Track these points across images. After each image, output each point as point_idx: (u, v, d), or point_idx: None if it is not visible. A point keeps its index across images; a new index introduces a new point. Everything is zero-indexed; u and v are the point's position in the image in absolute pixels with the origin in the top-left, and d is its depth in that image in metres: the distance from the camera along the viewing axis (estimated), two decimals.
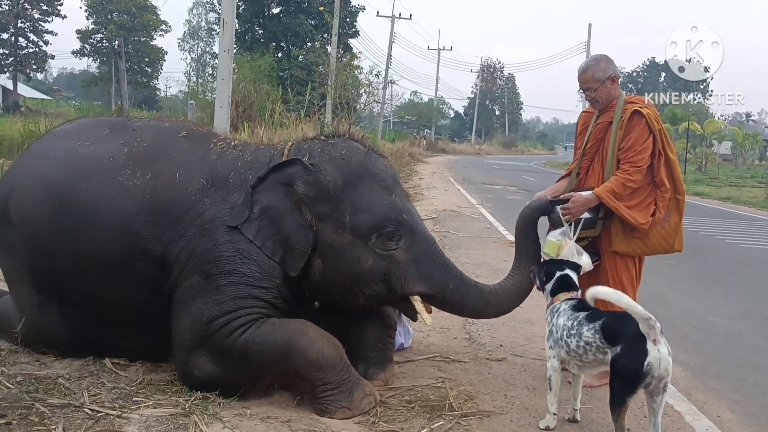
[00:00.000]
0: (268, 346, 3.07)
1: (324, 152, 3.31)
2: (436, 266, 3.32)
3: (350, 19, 36.45)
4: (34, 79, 67.02)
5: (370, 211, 3.20)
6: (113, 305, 3.34)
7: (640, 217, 3.52)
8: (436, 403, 3.28)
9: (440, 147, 51.42)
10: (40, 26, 46.43)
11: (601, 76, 3.64)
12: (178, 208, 3.25)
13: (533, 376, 3.81)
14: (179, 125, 3.72)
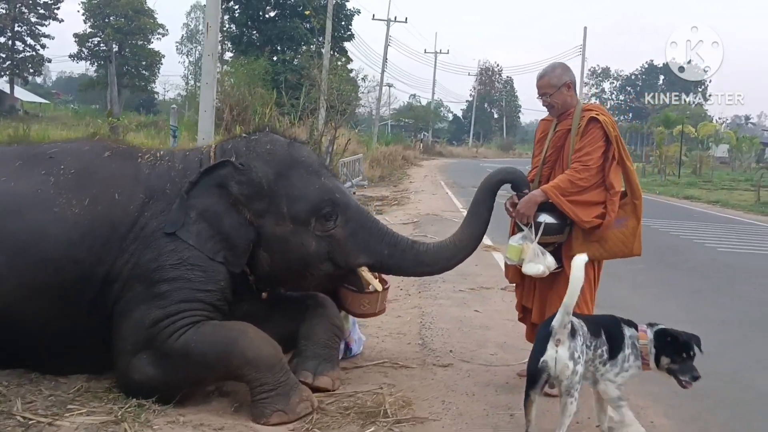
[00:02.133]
0: (208, 346, 3.13)
1: (249, 150, 3.43)
2: (371, 235, 3.52)
3: (345, 23, 36.51)
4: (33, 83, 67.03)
5: (305, 197, 3.37)
6: (61, 332, 3.31)
7: (583, 214, 3.56)
8: (372, 409, 3.30)
9: (437, 150, 51.49)
10: (37, 30, 46.44)
11: (556, 82, 3.72)
12: (122, 227, 3.27)
13: (475, 382, 3.84)
14: (99, 146, 3.68)
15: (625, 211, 3.65)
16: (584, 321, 3.01)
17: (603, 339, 2.98)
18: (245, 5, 35.13)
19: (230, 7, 35.60)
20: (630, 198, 3.66)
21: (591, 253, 3.54)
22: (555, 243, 3.68)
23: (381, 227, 3.60)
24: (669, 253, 9.06)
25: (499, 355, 4.37)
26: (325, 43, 27.26)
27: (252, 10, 35.07)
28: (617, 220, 3.63)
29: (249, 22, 35.28)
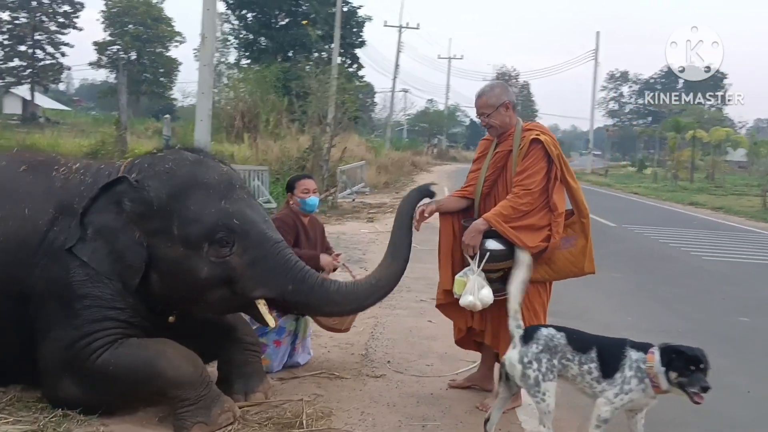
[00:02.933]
0: (127, 369, 3.17)
1: (150, 167, 3.33)
2: (275, 268, 3.27)
3: (357, 30, 36.72)
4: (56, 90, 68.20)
5: (198, 220, 3.20)
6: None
7: (528, 239, 3.53)
8: (289, 420, 3.39)
9: (451, 155, 51.48)
10: (57, 38, 47.28)
11: (494, 102, 3.71)
12: (32, 243, 3.29)
13: (400, 393, 3.92)
14: (17, 159, 3.68)
15: (573, 230, 3.63)
16: (570, 336, 3.08)
17: (591, 356, 3.00)
18: (258, 12, 35.50)
19: (243, 15, 35.99)
20: (577, 217, 3.64)
21: (540, 275, 3.61)
22: (503, 269, 3.62)
23: (288, 260, 3.32)
24: (651, 261, 9.08)
25: (436, 366, 4.45)
26: (333, 51, 27.45)
27: (264, 18, 35.41)
28: (565, 239, 3.62)
29: (261, 29, 35.61)
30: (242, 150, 20.09)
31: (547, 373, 3.00)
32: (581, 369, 3.01)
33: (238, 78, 27.54)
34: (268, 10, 35.10)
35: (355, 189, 17.32)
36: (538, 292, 3.68)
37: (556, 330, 3.08)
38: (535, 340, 3.03)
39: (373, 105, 71.67)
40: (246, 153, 19.46)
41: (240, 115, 23.93)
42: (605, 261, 9.47)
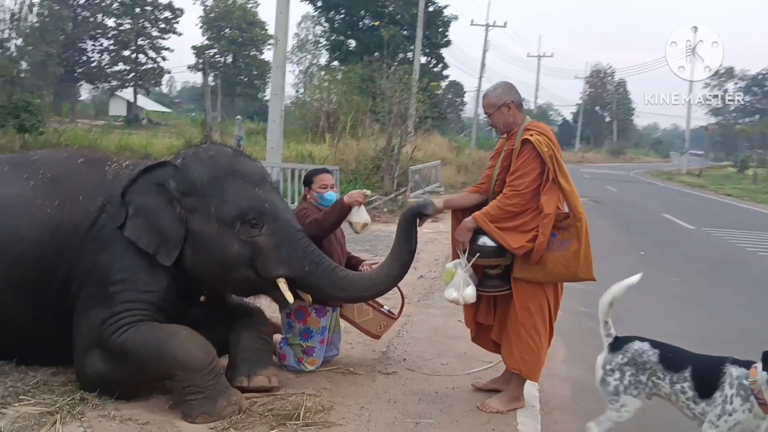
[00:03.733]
0: (141, 345, 3.39)
1: (194, 155, 3.72)
2: (295, 250, 3.60)
3: (442, 29, 36.64)
4: (159, 93, 71.59)
5: (234, 202, 3.54)
6: (31, 326, 3.68)
7: (513, 240, 3.54)
8: (287, 412, 3.49)
9: None
10: (159, 43, 49.67)
11: (496, 102, 3.73)
12: (83, 227, 3.62)
13: (405, 391, 3.95)
14: (77, 154, 4.08)
15: (569, 233, 3.57)
16: (664, 354, 2.97)
17: (685, 375, 2.89)
18: (345, 14, 36.03)
19: (331, 17, 36.63)
20: (572, 220, 3.58)
21: (533, 275, 3.60)
22: (500, 265, 3.70)
23: (308, 245, 3.66)
24: (720, 266, 8.70)
25: (451, 365, 4.45)
26: (415, 51, 27.56)
27: (351, 19, 35.90)
28: (561, 242, 3.57)
29: (348, 31, 36.11)
30: (322, 150, 20.51)
31: (630, 387, 2.94)
32: (673, 388, 2.91)
33: (325, 79, 28.04)
34: (355, 11, 35.55)
35: (429, 189, 17.33)
36: (534, 292, 3.64)
37: (650, 346, 2.98)
38: (622, 351, 2.99)
39: (462, 104, 71.31)
40: (325, 153, 19.85)
41: (325, 116, 24.45)
42: (664, 264, 9.30)
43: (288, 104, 34.40)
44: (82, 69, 47.82)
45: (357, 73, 26.68)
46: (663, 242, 11.86)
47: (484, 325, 3.96)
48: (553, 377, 4.33)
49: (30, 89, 27.47)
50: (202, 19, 51.90)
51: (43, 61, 32.32)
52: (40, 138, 19.16)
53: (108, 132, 27.28)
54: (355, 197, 3.97)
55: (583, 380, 4.31)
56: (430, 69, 36.37)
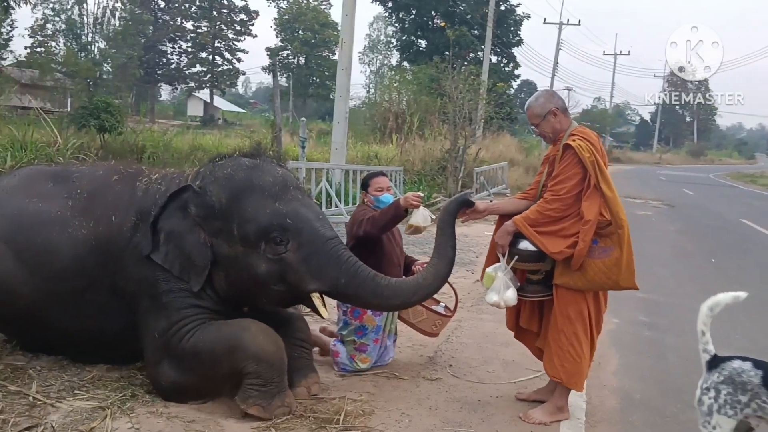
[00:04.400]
0: (214, 342, 3.47)
1: (211, 174, 3.65)
2: (328, 263, 3.49)
3: (514, 28, 36.20)
4: (235, 93, 73.44)
5: (255, 220, 3.47)
6: (78, 328, 3.83)
7: (552, 245, 3.49)
8: (329, 415, 3.52)
9: (615, 156, 49.28)
10: (234, 45, 50.92)
11: (540, 112, 3.68)
12: (118, 245, 3.69)
13: (447, 398, 3.92)
14: (111, 170, 4.08)
15: (611, 240, 3.48)
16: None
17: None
18: (415, 15, 36.05)
19: (401, 18, 36.72)
20: (614, 227, 3.48)
21: (573, 282, 3.54)
22: (541, 270, 3.66)
23: (340, 256, 3.53)
24: None
25: (497, 372, 4.40)
26: (485, 51, 27.33)
27: (421, 20, 35.89)
28: (603, 249, 3.48)
29: (418, 31, 36.12)
30: (389, 151, 20.57)
31: (725, 406, 2.77)
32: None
33: (395, 79, 28.12)
34: (425, 11, 35.52)
35: (494, 190, 17.13)
36: (575, 299, 3.56)
37: (752, 366, 2.77)
38: (719, 369, 2.82)
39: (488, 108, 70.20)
40: (391, 154, 19.90)
41: (393, 117, 24.54)
42: (735, 273, 8.90)
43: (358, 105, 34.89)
44: (161, 71, 49.53)
45: (426, 73, 26.61)
46: (737, 249, 11.36)
47: (527, 330, 3.91)
48: (602, 388, 4.22)
49: (112, 91, 28.56)
50: (276, 21, 52.94)
51: (125, 63, 33.57)
52: (119, 138, 19.98)
53: (183, 132, 28.19)
54: (410, 200, 3.93)
55: (634, 392, 4.20)
56: (501, 68, 36.00)
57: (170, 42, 49.59)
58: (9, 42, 25.96)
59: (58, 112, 23.71)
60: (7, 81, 18.12)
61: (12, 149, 12.21)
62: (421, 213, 4.05)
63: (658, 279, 8.08)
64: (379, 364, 4.34)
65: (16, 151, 12.21)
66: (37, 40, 32.97)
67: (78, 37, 31.17)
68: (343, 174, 12.13)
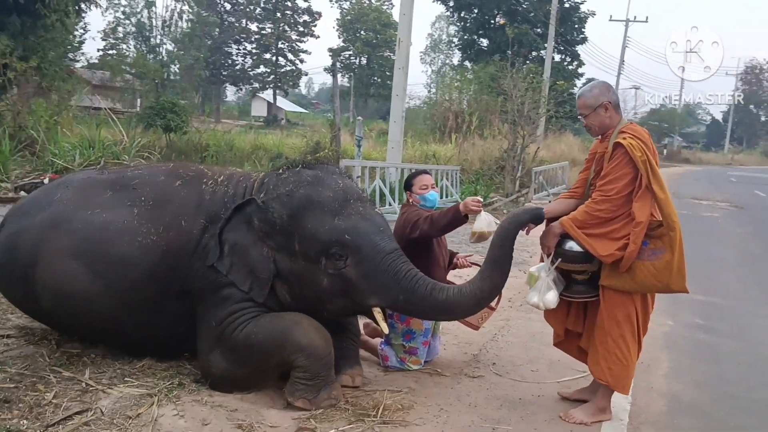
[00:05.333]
0: (266, 335, 3.56)
1: (274, 189, 3.68)
2: (386, 279, 3.51)
3: (579, 26, 35.57)
4: (298, 94, 74.47)
5: (314, 238, 3.51)
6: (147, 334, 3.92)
7: (602, 248, 3.41)
8: (367, 408, 3.56)
9: (683, 157, 47.88)
10: (297, 46, 51.61)
11: (592, 103, 3.61)
12: (189, 249, 3.75)
13: (488, 396, 3.90)
14: (172, 174, 4.04)
15: (662, 242, 3.38)
16: None
17: None
18: (477, 13, 35.82)
19: (463, 17, 36.55)
20: (666, 229, 3.38)
21: (621, 284, 3.47)
22: (586, 271, 3.60)
23: (399, 271, 3.52)
24: None
25: (541, 372, 4.35)
26: (547, 50, 26.96)
27: (483, 18, 35.63)
28: (653, 251, 3.39)
29: (480, 29, 35.87)
30: (447, 150, 20.52)
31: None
32: None
33: (456, 78, 28.04)
34: (487, 10, 35.25)
35: (553, 191, 16.87)
36: (622, 301, 3.47)
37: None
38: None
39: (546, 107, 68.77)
40: (449, 153, 19.85)
41: (453, 116, 24.47)
42: None
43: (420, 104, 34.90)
44: (227, 72, 50.58)
45: (487, 72, 26.43)
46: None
47: (573, 332, 3.85)
48: (650, 391, 4.12)
49: (178, 91, 29.37)
50: (339, 22, 53.42)
51: (191, 64, 34.41)
52: (184, 137, 20.55)
53: (246, 132, 28.78)
54: (469, 205, 3.85)
55: (682, 396, 4.10)
56: (565, 67, 35.43)
57: (235, 43, 50.61)
58: (82, 44, 26.90)
59: (127, 112, 24.59)
60: (79, 82, 18.77)
61: (80, 147, 12.72)
62: (485, 218, 3.97)
63: (720, 282, 7.83)
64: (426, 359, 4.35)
65: (84, 149, 12.72)
66: (109, 43, 34.13)
67: (147, 39, 32.10)
68: (399, 172, 12.16)
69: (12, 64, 12.64)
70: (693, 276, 7.78)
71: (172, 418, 3.28)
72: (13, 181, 11.15)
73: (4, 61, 12.59)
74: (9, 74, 12.80)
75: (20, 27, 13.07)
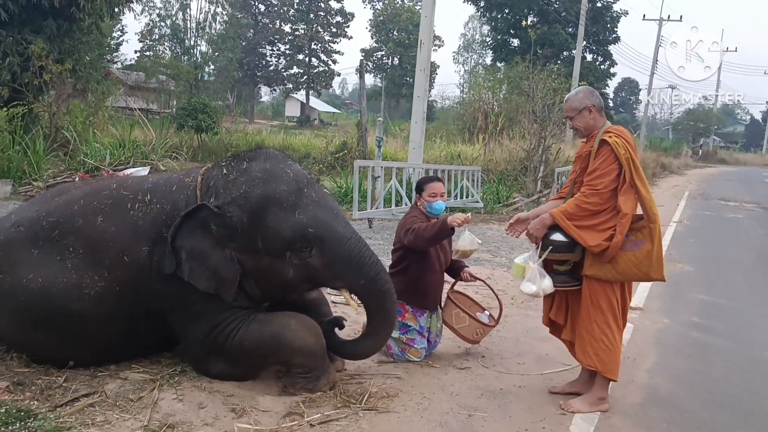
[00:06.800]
0: (258, 341, 3.68)
1: (226, 192, 3.61)
2: (350, 266, 3.65)
3: (611, 25, 35.29)
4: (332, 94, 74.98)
5: (278, 236, 3.54)
6: (127, 343, 3.94)
7: (590, 239, 3.63)
8: (354, 394, 3.77)
9: (719, 157, 47.08)
10: (330, 47, 52.07)
11: (577, 105, 3.84)
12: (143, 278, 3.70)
13: (470, 386, 4.09)
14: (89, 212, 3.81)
15: (643, 234, 3.61)
16: None
17: None
18: (508, 13, 35.77)
19: (494, 17, 36.52)
20: (646, 221, 3.61)
21: (604, 274, 3.69)
22: (569, 261, 3.80)
23: (362, 257, 3.67)
24: None
25: (527, 365, 4.52)
26: (576, 49, 26.84)
27: (514, 18, 35.58)
28: (634, 242, 3.62)
29: (510, 30, 35.82)
30: (473, 150, 20.59)
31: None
32: None
33: (488, 78, 28.04)
34: (518, 10, 35.19)
35: None
36: (605, 290, 3.69)
37: None
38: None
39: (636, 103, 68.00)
40: (475, 153, 19.92)
41: (482, 116, 24.53)
42: None
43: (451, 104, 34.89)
44: (260, 73, 51.29)
45: (516, 72, 26.41)
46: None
47: (556, 323, 4.04)
48: (629, 384, 4.25)
49: (212, 93, 29.96)
50: (371, 23, 53.70)
51: (226, 65, 35.02)
52: (215, 138, 21.02)
53: (277, 132, 29.22)
54: (456, 219, 4.00)
55: (660, 389, 4.24)
56: (596, 67, 35.20)
57: (269, 44, 51.35)
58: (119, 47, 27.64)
59: (162, 113, 25.21)
60: (115, 84, 19.39)
61: (111, 148, 13.18)
62: (468, 237, 4.18)
63: (729, 283, 7.88)
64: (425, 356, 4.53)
65: (115, 149, 13.17)
66: (145, 45, 34.94)
67: (182, 41, 32.81)
68: (418, 173, 12.35)
69: (48, 66, 13.15)
70: (703, 276, 7.93)
71: (171, 402, 3.52)
72: (45, 180, 11.64)
73: (40, 63, 13.10)
74: (45, 76, 13.31)
75: (56, 30, 13.54)
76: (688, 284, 7.61)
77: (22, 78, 13.21)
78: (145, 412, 3.38)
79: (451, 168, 13.90)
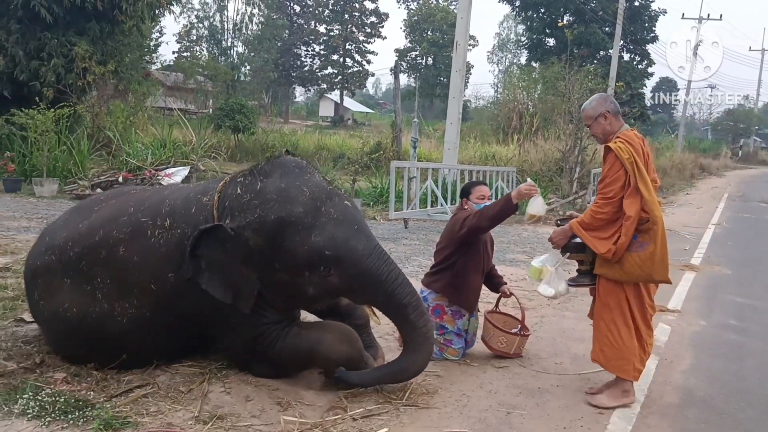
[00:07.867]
0: (296, 353, 3.82)
1: (241, 215, 3.57)
2: (369, 284, 3.65)
3: (649, 24, 34.87)
4: (366, 94, 75.23)
5: (294, 258, 3.52)
6: (163, 347, 3.98)
7: (601, 246, 3.72)
8: (394, 392, 3.86)
9: (761, 158, 46.16)
10: (364, 47, 52.30)
11: (592, 113, 3.93)
12: (175, 299, 3.75)
13: (508, 384, 4.17)
14: (111, 243, 3.83)
15: (648, 236, 3.67)
16: None
17: None
18: (544, 13, 35.56)
19: (529, 16, 36.34)
20: (650, 224, 3.66)
21: (612, 273, 3.80)
22: (585, 261, 3.91)
23: (380, 274, 3.64)
24: None
25: (564, 364, 4.58)
26: (613, 48, 26.56)
27: (550, 18, 35.35)
28: (640, 244, 3.68)
29: (546, 30, 35.60)
30: (508, 151, 20.57)
31: None
32: None
33: (524, 78, 27.95)
34: (554, 10, 34.96)
35: None
36: (613, 289, 3.77)
37: None
38: None
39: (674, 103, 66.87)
40: (510, 154, 19.90)
41: (517, 116, 24.49)
42: None
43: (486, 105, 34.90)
44: (295, 73, 51.71)
45: (552, 72, 26.28)
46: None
47: None
48: (666, 384, 4.30)
49: (248, 93, 30.35)
50: (405, 23, 53.78)
51: (261, 66, 35.43)
52: (252, 138, 21.33)
53: (312, 132, 29.50)
54: (522, 191, 4.07)
55: (697, 390, 4.26)
56: (634, 66, 34.80)
57: (304, 45, 51.75)
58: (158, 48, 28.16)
59: (199, 113, 25.64)
60: (154, 84, 19.78)
61: (153, 147, 13.47)
62: (539, 201, 4.25)
63: (766, 286, 7.83)
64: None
65: (156, 149, 13.46)
66: (183, 46, 35.52)
67: (219, 42, 33.28)
68: (452, 174, 12.41)
69: (91, 68, 13.50)
70: (740, 279, 7.85)
71: (220, 394, 3.66)
72: (90, 179, 11.97)
73: (83, 65, 13.46)
74: (89, 77, 13.67)
75: (99, 33, 13.89)
76: (725, 287, 7.58)
77: (66, 79, 13.58)
78: (196, 403, 3.52)
79: (486, 169, 13.93)
